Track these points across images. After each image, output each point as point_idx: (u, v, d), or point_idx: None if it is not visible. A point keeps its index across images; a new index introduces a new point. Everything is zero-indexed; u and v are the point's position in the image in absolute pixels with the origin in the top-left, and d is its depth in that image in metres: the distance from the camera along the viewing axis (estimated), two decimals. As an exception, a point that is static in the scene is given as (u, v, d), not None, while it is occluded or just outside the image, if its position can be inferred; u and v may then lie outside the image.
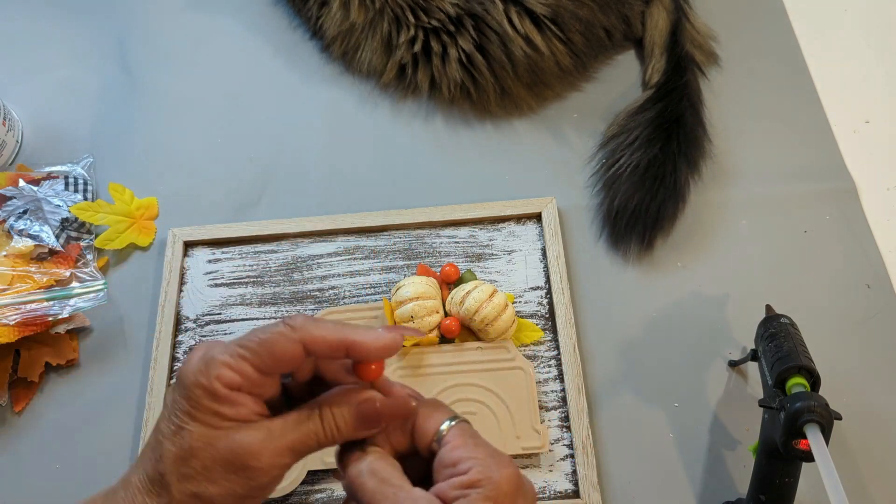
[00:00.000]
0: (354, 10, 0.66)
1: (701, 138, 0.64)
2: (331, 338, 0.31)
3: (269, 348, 0.31)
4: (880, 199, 0.63)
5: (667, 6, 0.70)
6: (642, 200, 0.61)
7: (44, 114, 0.72)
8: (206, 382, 0.30)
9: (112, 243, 0.63)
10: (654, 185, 0.61)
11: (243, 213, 0.65)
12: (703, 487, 0.52)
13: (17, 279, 0.59)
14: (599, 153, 0.66)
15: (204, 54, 0.74)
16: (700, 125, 0.65)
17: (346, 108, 0.70)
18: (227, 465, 0.30)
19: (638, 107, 0.65)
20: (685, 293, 0.60)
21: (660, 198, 0.61)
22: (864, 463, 0.52)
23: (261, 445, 0.30)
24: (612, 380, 0.56)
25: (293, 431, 0.31)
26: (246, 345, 0.31)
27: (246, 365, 0.30)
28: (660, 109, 0.64)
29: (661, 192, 0.61)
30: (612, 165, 0.63)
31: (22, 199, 0.63)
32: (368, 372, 0.33)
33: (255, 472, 0.30)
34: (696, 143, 0.64)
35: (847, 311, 0.58)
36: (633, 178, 0.61)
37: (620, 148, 0.64)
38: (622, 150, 0.63)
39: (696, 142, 0.64)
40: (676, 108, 0.64)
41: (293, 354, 0.31)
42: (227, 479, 0.30)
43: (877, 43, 0.72)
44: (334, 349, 0.31)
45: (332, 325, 0.32)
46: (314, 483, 0.53)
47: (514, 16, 0.64)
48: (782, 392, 0.45)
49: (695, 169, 0.63)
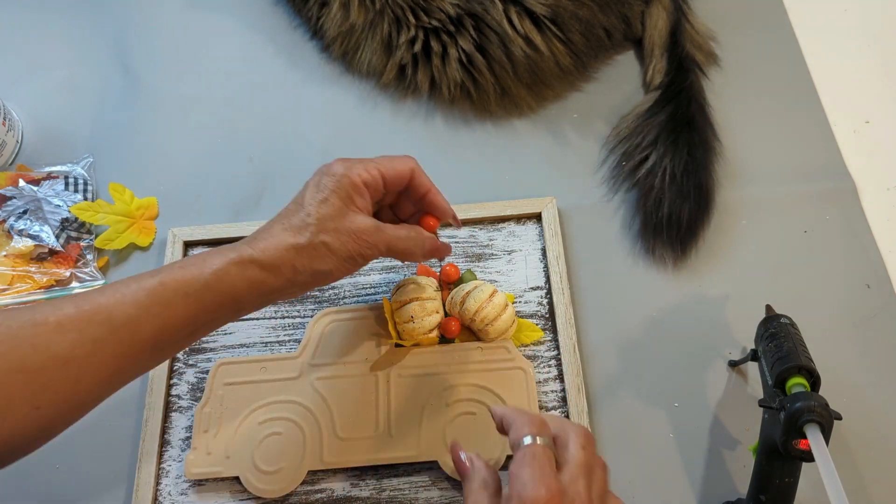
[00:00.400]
0: (354, 10, 0.66)
1: (711, 139, 0.64)
2: (426, 180, 0.48)
3: (394, 164, 0.47)
4: (880, 199, 0.63)
5: (666, 6, 0.70)
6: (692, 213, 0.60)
7: (44, 114, 0.72)
8: (351, 175, 0.44)
9: (112, 243, 0.63)
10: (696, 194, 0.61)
11: (243, 213, 0.65)
12: (703, 487, 0.52)
13: (17, 279, 0.59)
14: (611, 156, 0.66)
15: (204, 54, 0.74)
16: (709, 126, 0.65)
17: (346, 108, 0.70)
18: (349, 232, 0.44)
19: (646, 109, 0.65)
20: (685, 293, 0.60)
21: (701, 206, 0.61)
22: (864, 463, 0.52)
23: (372, 229, 0.45)
24: (612, 380, 0.56)
25: (394, 232, 0.46)
26: (378, 161, 0.46)
27: (377, 172, 0.46)
28: (670, 112, 0.64)
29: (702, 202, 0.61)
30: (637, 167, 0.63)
31: (22, 199, 0.63)
32: (429, 224, 0.50)
33: (364, 244, 0.45)
34: (707, 145, 0.64)
35: (847, 311, 0.58)
36: (673, 186, 0.61)
37: (639, 150, 0.63)
38: (641, 152, 0.63)
39: (707, 143, 0.64)
40: (687, 111, 0.64)
41: (404, 174, 0.47)
42: (347, 240, 0.44)
43: (877, 43, 0.72)
44: (423, 188, 0.48)
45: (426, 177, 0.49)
46: (314, 483, 0.53)
47: (514, 16, 0.64)
48: (782, 392, 0.45)
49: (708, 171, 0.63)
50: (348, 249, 0.44)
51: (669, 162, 0.62)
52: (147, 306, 0.40)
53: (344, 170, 0.45)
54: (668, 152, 0.62)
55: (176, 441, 0.55)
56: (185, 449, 0.55)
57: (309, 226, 0.43)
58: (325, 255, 0.44)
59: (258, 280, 0.43)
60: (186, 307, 0.41)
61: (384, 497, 0.53)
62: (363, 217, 0.45)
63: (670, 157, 0.62)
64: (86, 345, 0.38)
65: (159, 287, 0.41)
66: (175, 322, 0.41)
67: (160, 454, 0.55)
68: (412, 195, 0.49)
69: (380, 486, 0.53)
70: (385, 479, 0.53)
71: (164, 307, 0.40)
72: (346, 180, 0.44)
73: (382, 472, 0.54)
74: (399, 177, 0.47)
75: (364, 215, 0.45)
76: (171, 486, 0.54)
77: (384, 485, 0.53)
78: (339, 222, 0.44)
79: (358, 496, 0.53)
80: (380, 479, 0.53)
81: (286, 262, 0.43)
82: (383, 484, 0.53)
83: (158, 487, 0.54)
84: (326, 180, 0.45)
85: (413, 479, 0.53)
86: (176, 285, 0.41)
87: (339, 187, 0.44)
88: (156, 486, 0.54)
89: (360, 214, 0.45)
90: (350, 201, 0.44)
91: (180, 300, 0.41)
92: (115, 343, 0.39)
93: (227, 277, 0.42)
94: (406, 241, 0.47)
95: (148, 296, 0.40)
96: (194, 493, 0.54)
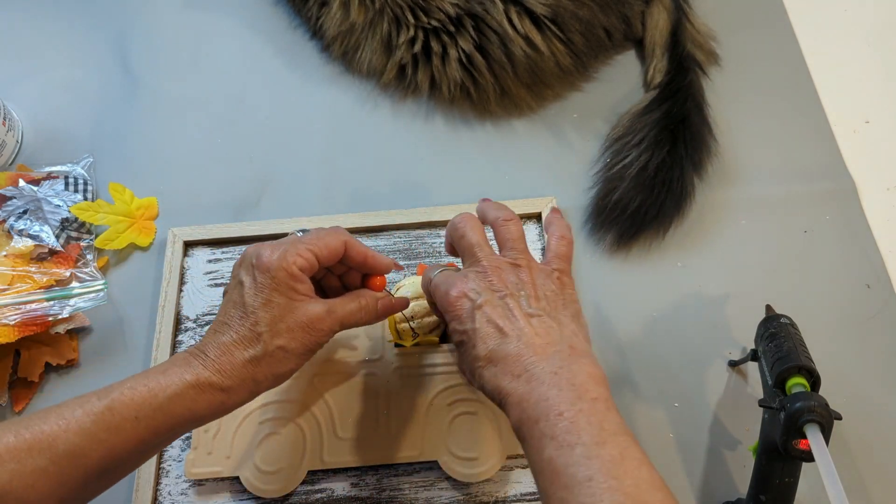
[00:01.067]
0: (354, 10, 0.66)
1: (707, 138, 0.64)
2: (360, 248, 0.47)
3: (326, 241, 0.45)
4: (880, 199, 0.63)
5: (667, 6, 0.70)
6: (643, 203, 0.61)
7: (44, 114, 0.72)
8: (286, 266, 0.42)
9: (112, 243, 0.63)
10: (662, 190, 0.61)
11: (243, 213, 0.65)
12: (703, 487, 0.52)
13: (17, 279, 0.59)
14: (605, 154, 0.66)
15: (204, 54, 0.74)
16: (705, 125, 0.65)
17: (346, 108, 0.70)
18: (302, 326, 0.42)
19: (643, 108, 0.65)
20: (685, 293, 0.60)
21: (667, 204, 0.61)
22: (864, 463, 0.52)
23: (325, 314, 0.43)
24: (613, 380, 0.56)
25: (343, 308, 0.45)
26: (307, 241, 0.44)
27: (310, 254, 0.43)
28: (665, 110, 0.64)
29: (668, 199, 0.61)
30: (616, 164, 0.63)
31: (22, 199, 0.63)
32: (376, 284, 0.49)
33: (319, 333, 0.43)
34: (702, 144, 0.64)
35: (847, 311, 0.58)
36: (639, 179, 0.61)
37: (626, 148, 0.63)
38: (628, 150, 0.63)
39: (701, 142, 0.64)
40: (682, 109, 0.64)
41: (337, 248, 0.45)
42: (302, 336, 0.42)
43: (877, 43, 0.72)
44: (360, 256, 0.47)
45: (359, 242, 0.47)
46: (314, 483, 0.53)
47: (514, 16, 0.64)
48: (782, 392, 0.45)
49: (700, 169, 0.63)
50: (305, 344, 0.42)
51: (647, 158, 0.62)
52: (93, 433, 0.38)
53: (277, 261, 0.42)
54: (648, 149, 0.62)
55: (176, 441, 0.55)
56: (185, 449, 0.55)
57: (261, 334, 0.41)
58: (283, 359, 0.42)
59: (218, 401, 0.41)
60: (137, 431, 0.38)
61: (384, 497, 0.53)
62: (312, 304, 0.43)
63: (650, 153, 0.62)
64: (25, 476, 0.36)
65: (107, 412, 0.38)
66: (124, 446, 0.38)
67: (160, 454, 0.55)
68: (351, 264, 0.48)
69: (380, 486, 0.53)
70: (385, 479, 0.53)
71: (111, 433, 0.38)
72: (282, 273, 0.42)
73: (382, 472, 0.54)
74: (333, 253, 0.45)
75: (312, 301, 0.43)
76: (171, 486, 0.54)
77: (384, 485, 0.53)
78: (290, 320, 0.42)
79: (358, 496, 0.53)
80: (380, 479, 0.53)
81: (246, 378, 0.41)
82: (383, 484, 0.53)
83: (158, 487, 0.54)
84: (262, 278, 0.42)
85: (413, 479, 0.53)
86: (125, 410, 0.38)
87: (278, 283, 0.42)
88: (156, 485, 0.54)
89: (306, 303, 0.43)
90: (293, 293, 0.42)
91: (130, 424, 0.38)
92: (57, 473, 0.37)
93: (183, 401, 0.40)
94: (358, 312, 0.45)
95: (94, 422, 0.38)
96: (194, 493, 0.54)
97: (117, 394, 0.39)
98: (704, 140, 0.64)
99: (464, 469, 0.52)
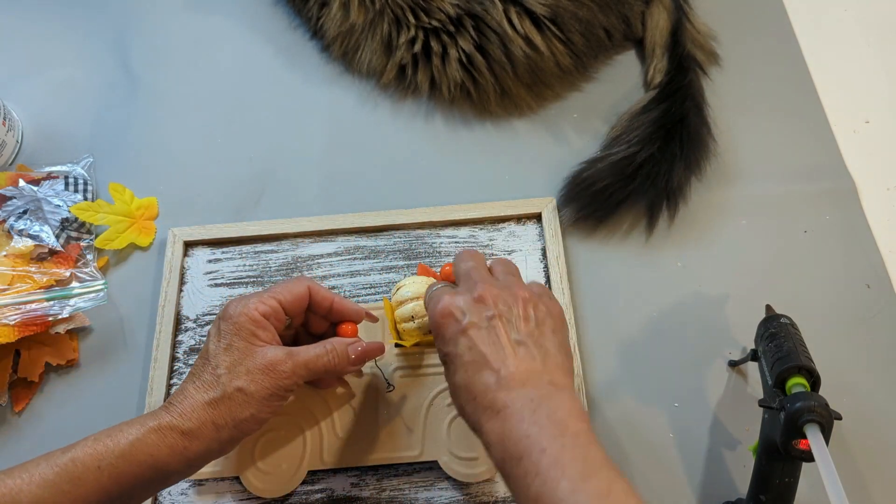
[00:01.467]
0: (354, 10, 0.66)
1: (705, 138, 0.64)
2: (325, 293, 0.48)
3: (289, 288, 0.46)
4: (880, 199, 0.63)
5: (667, 6, 0.70)
6: (611, 186, 0.61)
7: (44, 114, 0.72)
8: (248, 312, 0.44)
9: (112, 243, 0.63)
10: (644, 182, 0.61)
11: (243, 213, 0.65)
12: (703, 487, 0.52)
13: (17, 279, 0.59)
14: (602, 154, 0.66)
15: (204, 54, 0.74)
16: (704, 125, 0.65)
17: (346, 108, 0.70)
18: (262, 369, 0.43)
19: (641, 107, 0.65)
20: (685, 293, 0.60)
21: (647, 195, 0.61)
22: (864, 463, 0.52)
23: (285, 357, 0.43)
24: (612, 380, 0.56)
25: (307, 352, 0.45)
26: (272, 290, 0.46)
27: (273, 301, 0.45)
28: (664, 109, 0.64)
29: (648, 191, 0.61)
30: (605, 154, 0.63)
31: (22, 199, 0.63)
32: (346, 332, 0.49)
33: (279, 375, 0.43)
34: (699, 143, 0.63)
35: (847, 311, 0.58)
36: (619, 165, 0.61)
37: (619, 143, 0.63)
38: (620, 145, 0.63)
39: (699, 141, 0.64)
40: (680, 109, 0.64)
41: (302, 295, 0.47)
42: (262, 378, 0.42)
43: (877, 43, 0.72)
44: (326, 301, 0.48)
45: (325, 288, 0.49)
46: (314, 483, 0.53)
47: (514, 16, 0.64)
48: (782, 392, 0.45)
49: (697, 169, 0.63)
50: (265, 388, 0.42)
51: (636, 151, 0.62)
52: (56, 484, 0.38)
53: (241, 309, 0.44)
54: (639, 143, 0.62)
55: (176, 441, 0.55)
56: (185, 449, 0.55)
57: (220, 377, 0.42)
58: (243, 402, 0.42)
59: (180, 446, 0.41)
60: (100, 481, 0.39)
61: (384, 497, 0.53)
62: (271, 348, 0.44)
63: (639, 147, 0.62)
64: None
65: (70, 463, 0.39)
66: (87, 498, 0.39)
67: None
68: (318, 311, 0.49)
69: (380, 486, 0.53)
70: (385, 479, 0.53)
71: (74, 484, 0.38)
72: (243, 318, 0.43)
73: (382, 472, 0.54)
74: (298, 299, 0.46)
75: (272, 346, 0.44)
76: (171, 486, 0.54)
77: (384, 485, 0.53)
78: (249, 363, 0.43)
79: (358, 496, 0.53)
80: (380, 479, 0.53)
81: (205, 422, 0.41)
82: (383, 484, 0.53)
83: (158, 487, 0.54)
84: (225, 326, 0.44)
85: (413, 479, 0.53)
86: (88, 459, 0.39)
87: (239, 328, 0.43)
88: (156, 486, 0.54)
89: (267, 347, 0.44)
90: (254, 338, 0.43)
91: (92, 475, 0.39)
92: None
93: (144, 447, 0.40)
94: (325, 356, 0.45)
95: (56, 474, 0.38)
96: (194, 492, 0.54)
97: (81, 445, 0.40)
98: (703, 140, 0.64)
99: (464, 469, 0.52)
